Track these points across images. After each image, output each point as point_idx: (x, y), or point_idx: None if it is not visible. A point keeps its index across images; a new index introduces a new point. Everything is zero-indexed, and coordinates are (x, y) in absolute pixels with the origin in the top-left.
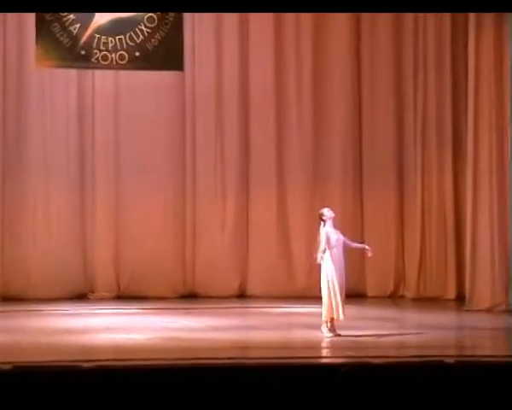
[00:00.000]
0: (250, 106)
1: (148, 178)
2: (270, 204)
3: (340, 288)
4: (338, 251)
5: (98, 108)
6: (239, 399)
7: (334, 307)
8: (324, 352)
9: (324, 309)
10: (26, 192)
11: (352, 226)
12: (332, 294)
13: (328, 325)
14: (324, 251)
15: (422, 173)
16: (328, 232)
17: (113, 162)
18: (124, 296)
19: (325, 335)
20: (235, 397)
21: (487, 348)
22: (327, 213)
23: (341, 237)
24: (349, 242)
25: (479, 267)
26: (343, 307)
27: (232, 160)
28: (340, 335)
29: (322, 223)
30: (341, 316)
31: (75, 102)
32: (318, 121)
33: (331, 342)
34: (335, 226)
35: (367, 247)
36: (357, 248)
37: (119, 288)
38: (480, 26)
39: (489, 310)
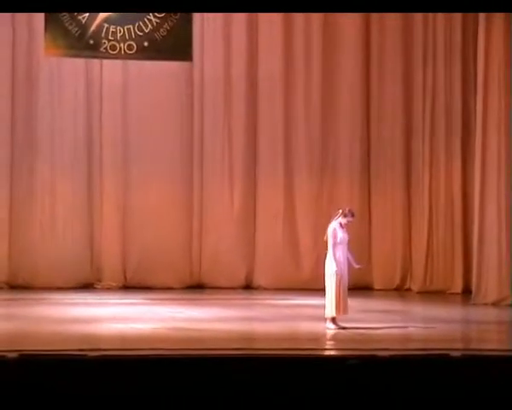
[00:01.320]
0: (258, 96)
1: (155, 169)
2: (278, 195)
3: (344, 285)
4: (343, 249)
5: (106, 97)
6: (244, 390)
7: (337, 303)
8: (330, 344)
9: (328, 306)
10: (34, 183)
11: (360, 218)
12: (336, 290)
13: (331, 320)
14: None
15: (430, 166)
16: (336, 228)
17: (121, 153)
18: (130, 286)
19: (331, 328)
20: (240, 388)
21: (493, 341)
22: (348, 217)
23: (347, 237)
24: (349, 252)
25: (485, 261)
26: (346, 303)
27: (240, 151)
28: (344, 328)
29: (337, 215)
30: (341, 312)
31: (83, 92)
32: (326, 111)
33: (337, 334)
34: (346, 229)
35: (357, 265)
36: (349, 260)
37: (125, 278)
38: (491, 21)
39: (495, 304)
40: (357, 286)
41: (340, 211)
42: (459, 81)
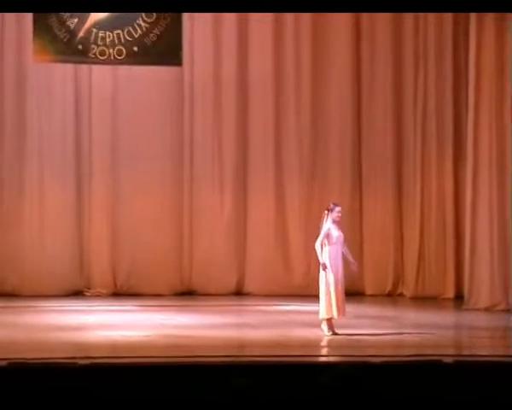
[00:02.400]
0: (248, 99)
1: (145, 173)
2: (269, 199)
3: (340, 285)
4: (338, 249)
5: (95, 103)
6: (235, 398)
7: (332, 305)
8: (323, 351)
9: (321, 307)
10: (22, 187)
11: (351, 223)
12: (331, 290)
13: (326, 323)
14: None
15: (422, 170)
16: (331, 228)
17: (110, 157)
18: (120, 293)
19: (325, 333)
20: (231, 396)
21: (486, 347)
22: (336, 213)
23: (342, 235)
24: (345, 247)
25: (478, 266)
26: (343, 305)
27: (230, 155)
28: (337, 334)
29: (326, 215)
30: (336, 315)
31: (72, 97)
32: (317, 115)
33: (329, 340)
34: (339, 225)
35: (354, 262)
36: (346, 257)
37: (115, 285)
38: (482, 21)
39: (488, 309)
40: (349, 291)
41: (326, 211)
42: (450, 84)
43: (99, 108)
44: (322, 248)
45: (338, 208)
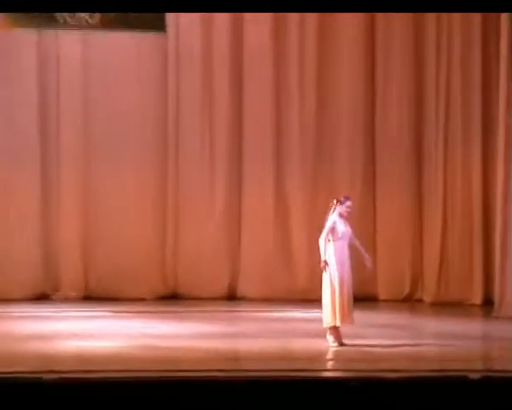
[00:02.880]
0: (244, 73)
1: (122, 159)
2: (267, 190)
3: (347, 288)
4: (343, 245)
5: (63, 76)
6: None
7: (337, 311)
8: (329, 364)
9: (325, 314)
10: None
11: (363, 219)
12: (335, 293)
13: (332, 333)
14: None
15: (445, 159)
16: (336, 222)
17: (82, 141)
18: (93, 297)
19: (330, 344)
20: None
21: None
22: (345, 207)
23: (349, 230)
24: (355, 239)
25: (510, 267)
26: (350, 310)
27: (222, 139)
28: (345, 344)
29: (334, 206)
30: (338, 322)
31: (35, 69)
32: (324, 95)
33: (336, 352)
34: (347, 219)
35: (368, 257)
36: (358, 252)
37: (87, 287)
38: None
39: None
40: (360, 296)
41: (335, 201)
42: (478, 72)
43: (67, 82)
44: (326, 244)
45: (348, 203)
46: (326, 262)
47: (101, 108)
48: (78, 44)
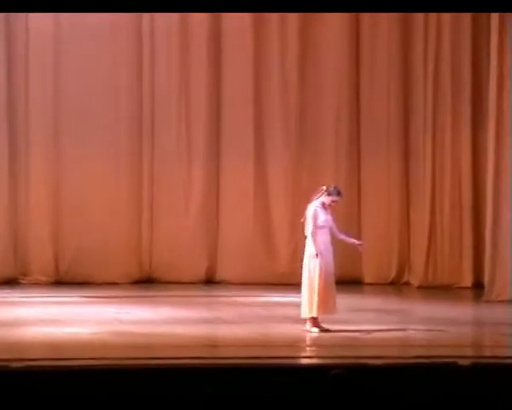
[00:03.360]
0: (222, 50)
1: (95, 140)
2: (247, 171)
3: (327, 277)
4: (324, 234)
5: (33, 53)
6: (205, 408)
7: (314, 303)
8: (311, 351)
9: (303, 305)
10: None
11: (348, 200)
12: (314, 283)
13: (311, 321)
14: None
15: (433, 133)
16: (317, 210)
17: (52, 120)
18: (64, 281)
19: (311, 330)
20: (199, 405)
21: (510, 347)
22: (332, 197)
23: (330, 218)
24: (336, 230)
25: (501, 249)
26: (332, 300)
27: (200, 118)
28: (328, 330)
29: (319, 194)
30: (315, 313)
31: (3, 46)
32: (307, 68)
33: (319, 339)
34: (328, 209)
35: (357, 241)
36: (345, 242)
37: (58, 271)
38: None
39: None
40: (344, 280)
41: (324, 188)
42: (468, 35)
43: (37, 59)
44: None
45: (336, 198)
46: (318, 255)
47: (72, 87)
48: (47, 21)
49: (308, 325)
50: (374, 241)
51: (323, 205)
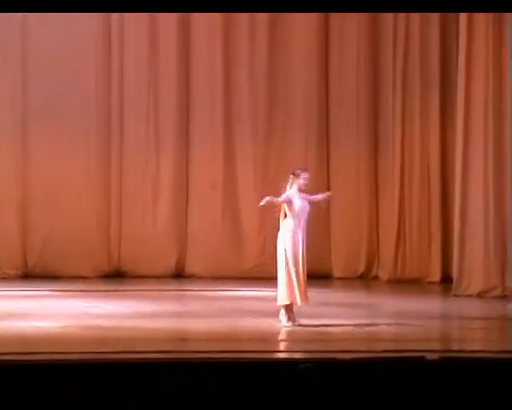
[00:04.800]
0: (191, 36)
1: (62, 130)
2: (216, 163)
3: (302, 266)
4: (301, 221)
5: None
6: (174, 402)
7: (294, 289)
8: (280, 345)
9: (280, 292)
10: None
11: (316, 189)
12: (292, 273)
13: (286, 311)
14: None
15: (402, 125)
16: (294, 196)
17: (20, 108)
18: (32, 275)
19: (283, 324)
20: (168, 400)
21: (478, 341)
22: (301, 179)
23: (307, 206)
24: (312, 197)
25: (469, 243)
26: (305, 290)
27: (168, 106)
28: (300, 324)
29: (290, 181)
30: (299, 301)
31: None
32: (276, 58)
33: (287, 333)
34: (303, 193)
35: (327, 193)
36: (322, 201)
37: (26, 264)
38: None
39: (481, 295)
40: (313, 274)
41: (291, 176)
42: (436, 22)
43: (4, 51)
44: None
45: (305, 174)
46: (269, 201)
47: (39, 74)
48: (16, 13)
49: (281, 314)
50: (343, 235)
51: (300, 190)
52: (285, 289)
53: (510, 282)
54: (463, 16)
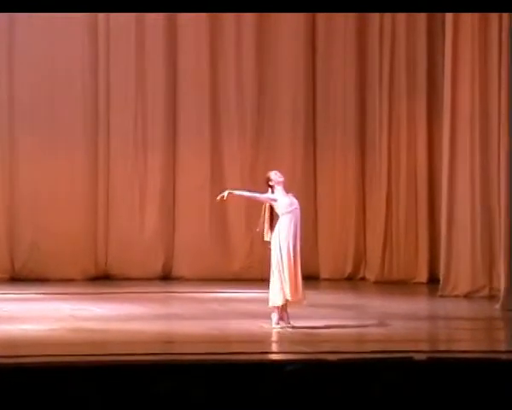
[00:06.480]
0: (178, 40)
1: (50, 134)
2: (203, 165)
3: (296, 264)
4: (292, 219)
5: None
6: (161, 404)
7: (284, 287)
8: (267, 347)
9: (272, 293)
10: None
11: (303, 194)
12: (285, 272)
13: (277, 313)
14: (267, 228)
15: (389, 129)
16: (279, 199)
17: (7, 115)
18: (20, 278)
19: (273, 326)
20: (156, 402)
21: (466, 342)
22: (274, 176)
23: (295, 201)
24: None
25: (456, 244)
26: (300, 289)
27: (155, 109)
28: (293, 326)
29: (269, 190)
30: (289, 297)
31: None
32: (263, 61)
33: (276, 334)
34: (287, 191)
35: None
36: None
37: (13, 267)
38: None
39: (468, 296)
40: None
41: (269, 188)
42: (423, 24)
43: None
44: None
45: (273, 172)
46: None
47: (26, 86)
48: (2, 14)
49: (273, 315)
50: (330, 236)
51: (284, 189)
52: (277, 290)
53: (497, 282)
54: (449, 18)
